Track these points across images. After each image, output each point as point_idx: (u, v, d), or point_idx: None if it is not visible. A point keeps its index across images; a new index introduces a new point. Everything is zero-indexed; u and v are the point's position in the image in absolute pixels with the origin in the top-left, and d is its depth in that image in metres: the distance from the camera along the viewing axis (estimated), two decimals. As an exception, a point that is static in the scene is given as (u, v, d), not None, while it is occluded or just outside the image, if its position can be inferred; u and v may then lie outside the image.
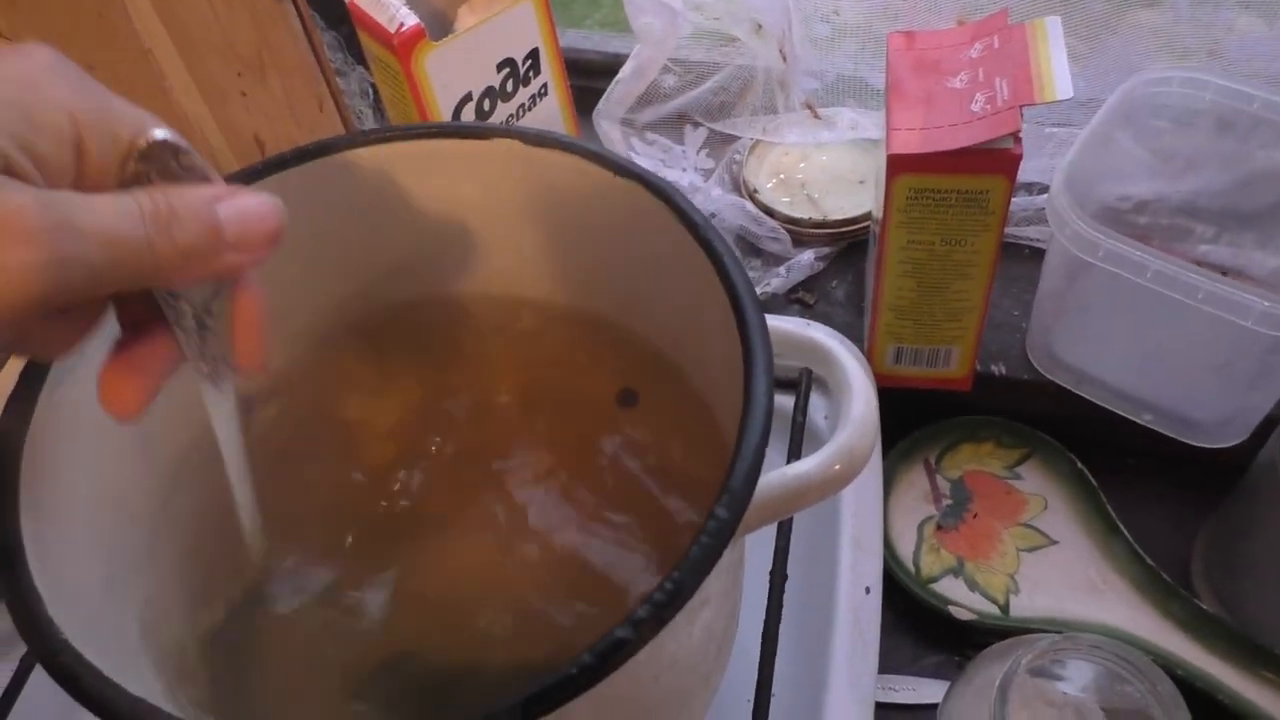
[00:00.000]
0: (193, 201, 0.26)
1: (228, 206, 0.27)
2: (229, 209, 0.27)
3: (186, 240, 0.26)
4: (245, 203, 0.27)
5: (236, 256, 0.27)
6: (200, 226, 0.26)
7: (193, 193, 0.27)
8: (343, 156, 0.37)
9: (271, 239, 0.28)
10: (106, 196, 0.25)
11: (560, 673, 0.26)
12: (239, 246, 0.27)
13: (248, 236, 0.27)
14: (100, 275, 0.24)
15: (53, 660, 0.27)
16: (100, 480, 0.35)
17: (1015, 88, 0.45)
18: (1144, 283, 0.47)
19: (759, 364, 0.31)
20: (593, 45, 0.73)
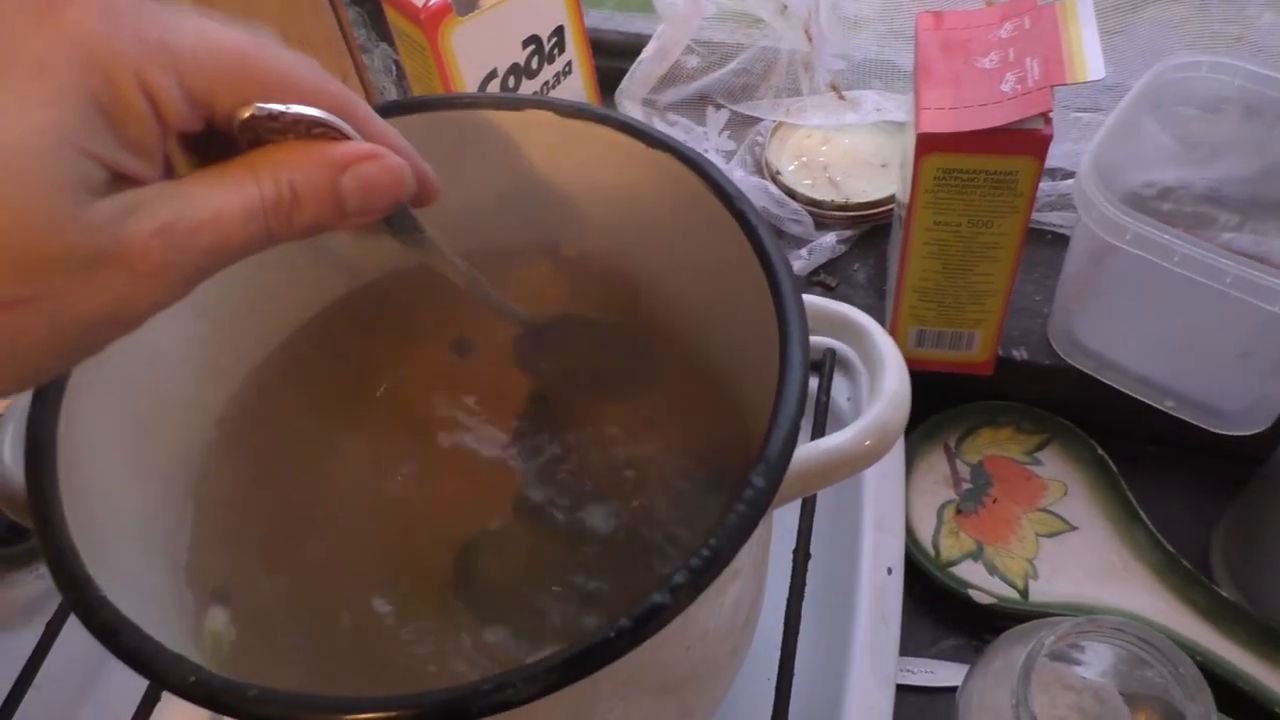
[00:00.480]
0: (316, 177, 0.26)
1: (353, 177, 0.26)
2: (354, 180, 0.26)
3: (306, 221, 0.26)
4: (371, 172, 0.27)
5: (354, 221, 0.27)
6: (320, 205, 0.26)
7: (315, 160, 0.26)
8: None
9: (395, 201, 0.28)
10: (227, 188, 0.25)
11: (597, 636, 0.26)
12: (361, 213, 0.27)
13: (369, 207, 0.27)
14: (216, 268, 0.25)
15: (92, 617, 0.27)
16: (134, 443, 0.36)
17: (1046, 68, 0.45)
18: (1171, 266, 0.47)
19: (794, 334, 0.31)
20: (615, 25, 0.73)
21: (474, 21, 0.54)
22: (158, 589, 0.35)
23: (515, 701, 0.25)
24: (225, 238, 0.25)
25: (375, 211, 0.27)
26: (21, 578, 0.52)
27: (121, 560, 0.32)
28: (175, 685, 0.26)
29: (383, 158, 0.27)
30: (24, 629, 0.51)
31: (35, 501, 0.29)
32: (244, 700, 0.26)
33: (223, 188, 0.25)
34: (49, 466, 0.30)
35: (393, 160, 0.27)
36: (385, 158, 0.27)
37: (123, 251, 0.23)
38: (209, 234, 0.24)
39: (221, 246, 0.25)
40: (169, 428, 0.38)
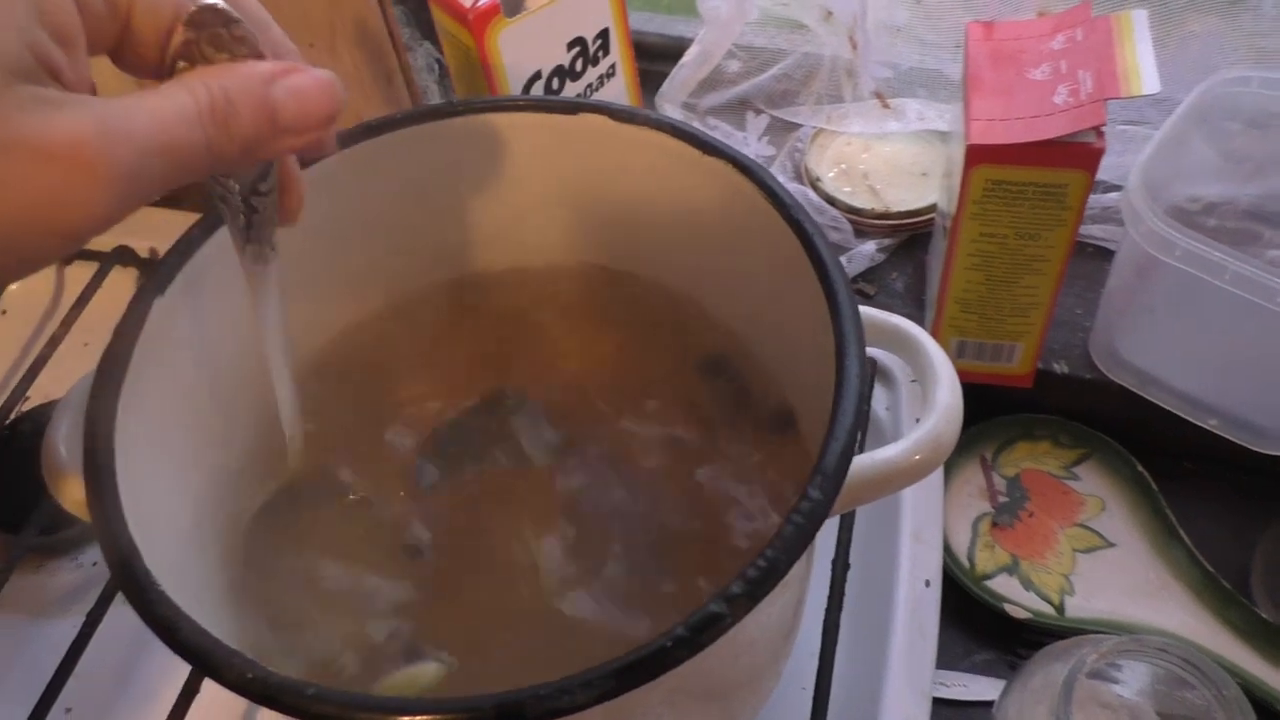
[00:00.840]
0: (248, 85, 0.25)
1: (283, 88, 0.26)
2: (284, 91, 0.26)
3: (244, 133, 0.25)
4: (301, 82, 0.26)
5: (293, 140, 0.26)
6: (257, 115, 0.25)
7: (247, 74, 0.25)
8: (434, 125, 0.37)
9: (328, 119, 0.27)
10: (162, 96, 0.24)
11: (653, 645, 0.26)
12: (296, 130, 0.26)
13: (305, 118, 0.26)
14: (160, 184, 0.24)
15: (152, 612, 0.27)
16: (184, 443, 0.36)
17: (1100, 81, 0.44)
18: (1221, 284, 0.47)
19: (851, 346, 0.31)
20: (657, 28, 0.73)
21: (521, 23, 0.54)
22: (205, 587, 0.35)
23: (572, 708, 0.25)
24: (163, 140, 0.24)
25: (312, 124, 0.26)
26: (61, 565, 0.52)
27: (171, 557, 0.32)
28: (233, 682, 0.26)
29: (308, 71, 0.26)
30: (61, 618, 0.51)
31: (95, 497, 0.29)
32: (301, 698, 0.26)
33: (158, 95, 0.24)
34: (108, 462, 0.30)
35: (320, 73, 0.27)
36: (311, 71, 0.26)
37: (47, 135, 0.22)
38: (145, 134, 0.23)
39: (161, 146, 0.24)
40: (220, 432, 0.38)
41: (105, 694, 0.48)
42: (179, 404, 0.36)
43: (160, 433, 0.35)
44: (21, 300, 0.65)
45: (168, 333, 0.34)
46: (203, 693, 0.44)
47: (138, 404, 0.33)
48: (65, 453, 0.34)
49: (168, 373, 0.35)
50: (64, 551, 0.53)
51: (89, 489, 0.30)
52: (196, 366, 0.36)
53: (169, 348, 0.34)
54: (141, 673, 0.49)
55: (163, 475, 0.34)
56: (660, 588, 0.36)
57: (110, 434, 0.31)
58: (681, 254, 0.40)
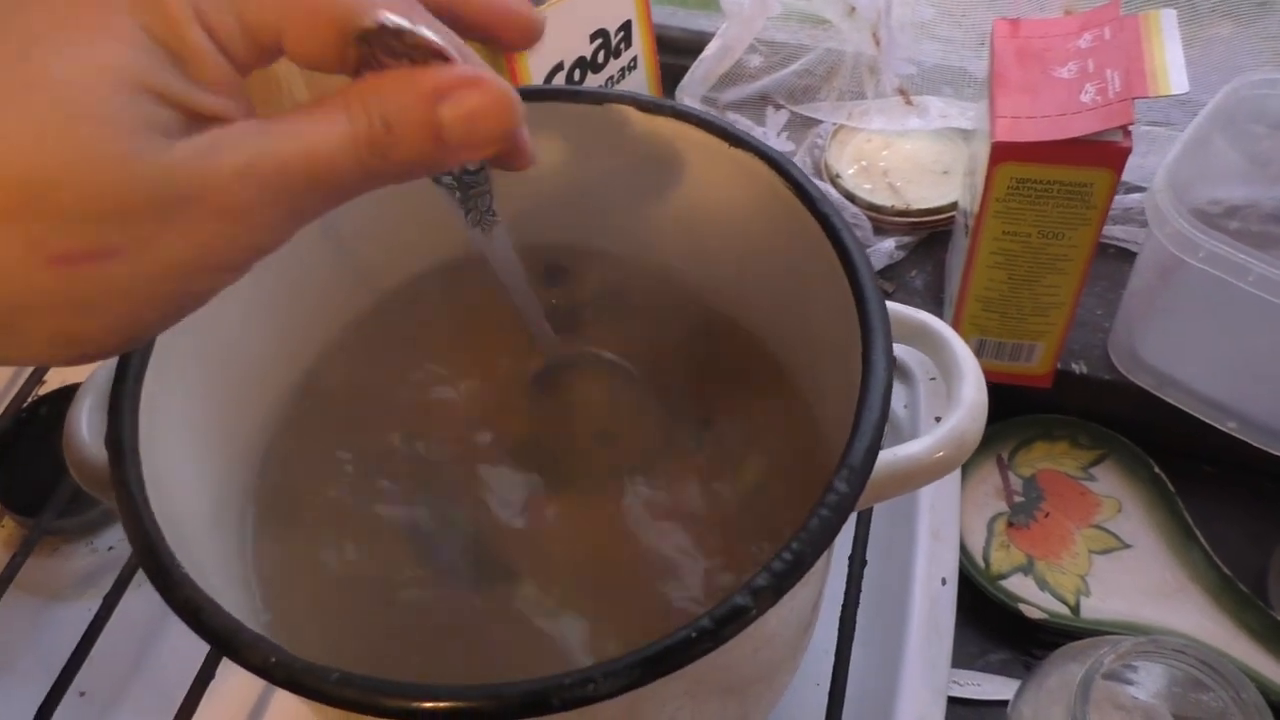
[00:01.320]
0: (410, 107, 0.23)
1: (450, 108, 0.23)
2: (450, 110, 0.23)
3: (405, 158, 0.24)
4: (470, 101, 0.24)
5: (468, 155, 0.24)
6: (419, 139, 0.24)
7: (411, 94, 0.23)
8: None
9: (502, 136, 0.24)
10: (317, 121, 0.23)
11: (678, 636, 0.26)
12: (466, 148, 0.24)
13: (474, 137, 0.24)
14: (317, 210, 0.24)
15: (176, 595, 0.27)
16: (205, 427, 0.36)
17: (1128, 80, 0.44)
18: (1245, 286, 0.46)
19: (878, 340, 0.31)
20: (679, 22, 0.72)
21: (546, 12, 0.54)
22: (222, 572, 0.35)
23: (596, 697, 0.25)
24: (317, 175, 0.23)
25: (482, 144, 0.24)
26: (77, 550, 0.53)
27: (191, 540, 0.32)
28: (256, 665, 0.26)
29: (485, 83, 0.24)
30: (76, 601, 0.52)
31: (120, 479, 0.29)
32: (325, 683, 0.26)
33: (311, 122, 0.23)
34: (133, 444, 0.30)
35: (497, 85, 0.24)
36: (488, 83, 0.24)
37: (204, 192, 0.22)
38: (299, 171, 0.23)
39: (315, 184, 0.23)
40: (238, 414, 0.38)
41: (120, 678, 0.48)
42: (201, 388, 0.36)
43: (182, 417, 0.35)
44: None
45: (192, 317, 0.34)
46: (218, 678, 0.44)
47: (160, 387, 0.33)
48: (87, 434, 0.35)
49: (191, 357, 0.35)
50: (80, 536, 0.53)
51: (113, 470, 0.30)
52: (219, 351, 0.36)
53: (193, 332, 0.34)
54: (156, 658, 0.49)
55: (183, 459, 0.34)
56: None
57: (135, 416, 0.31)
58: (705, 244, 0.40)
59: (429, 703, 0.25)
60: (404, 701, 0.25)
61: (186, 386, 0.35)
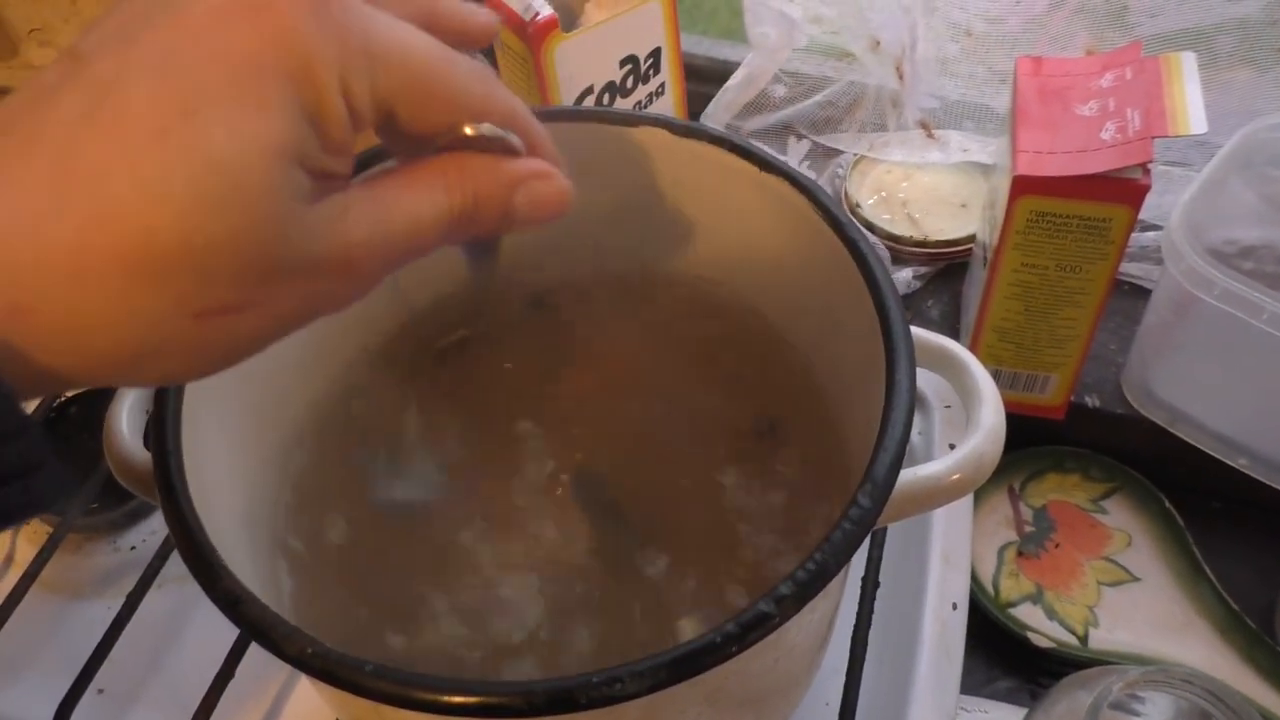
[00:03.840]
0: (496, 190, 0.27)
1: (525, 194, 0.27)
2: (525, 197, 0.27)
3: (480, 230, 0.27)
4: (543, 192, 0.28)
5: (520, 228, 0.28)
6: (494, 216, 0.27)
7: (499, 176, 0.27)
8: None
9: (556, 218, 0.28)
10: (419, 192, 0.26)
11: (704, 640, 0.26)
12: (524, 223, 0.28)
13: (531, 219, 0.28)
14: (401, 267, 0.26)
15: (216, 586, 0.28)
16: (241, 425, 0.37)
17: (1148, 119, 0.45)
18: (1259, 324, 0.47)
19: (902, 360, 0.32)
20: (704, 50, 0.74)
21: (577, 38, 0.56)
22: (256, 567, 0.36)
23: (622, 696, 0.26)
24: (418, 243, 0.26)
25: (535, 225, 0.28)
26: (100, 548, 0.53)
27: (226, 536, 0.33)
28: (293, 656, 0.27)
29: (553, 178, 0.28)
30: (98, 599, 0.52)
31: (163, 476, 0.30)
32: (359, 674, 0.26)
33: (415, 194, 0.26)
34: (175, 439, 0.31)
35: (560, 181, 0.28)
36: (554, 178, 0.28)
37: (331, 256, 0.24)
38: (404, 240, 0.25)
39: (414, 251, 0.26)
40: (273, 415, 0.39)
41: (140, 676, 0.49)
42: (237, 390, 0.37)
43: (219, 417, 0.35)
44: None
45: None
46: (236, 678, 0.45)
47: (199, 389, 0.34)
48: (127, 431, 0.36)
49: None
50: (104, 535, 0.54)
51: (157, 467, 0.31)
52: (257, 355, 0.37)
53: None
54: (176, 657, 0.50)
55: (220, 456, 0.35)
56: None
57: (179, 416, 0.32)
58: (733, 265, 0.41)
59: (459, 697, 0.26)
60: (434, 695, 0.26)
61: (224, 388, 0.36)
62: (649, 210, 0.41)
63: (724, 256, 0.41)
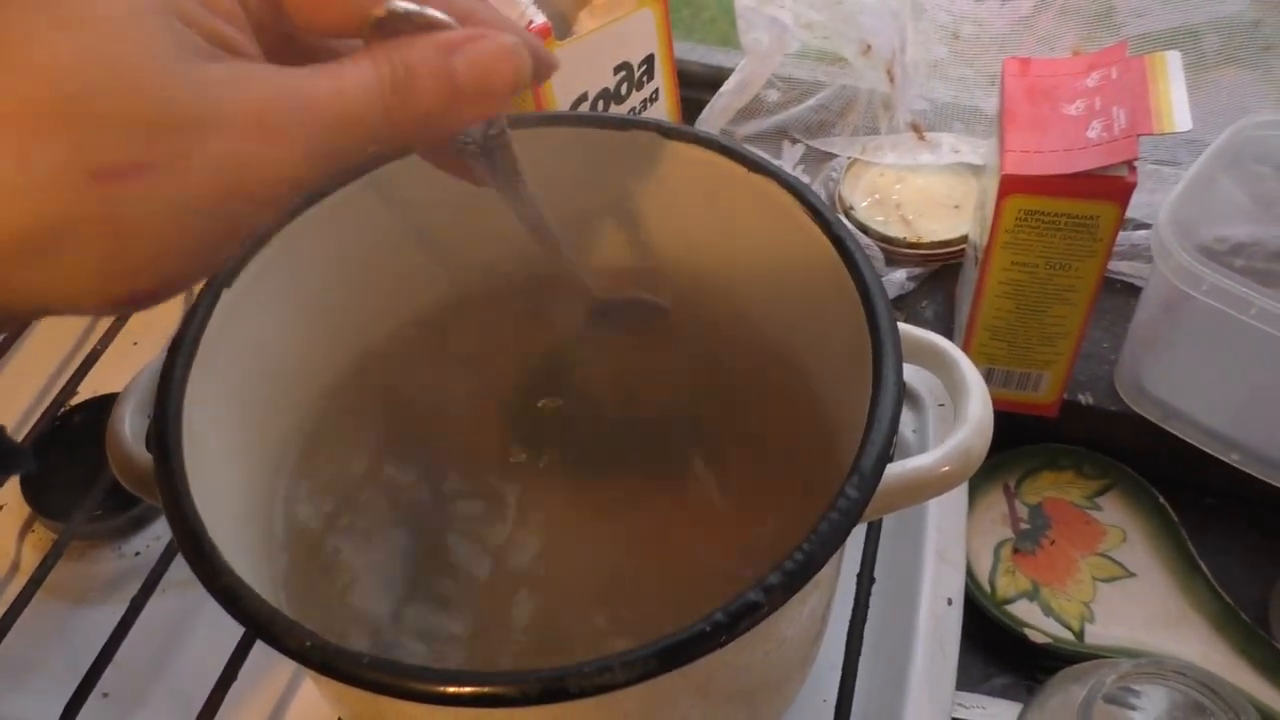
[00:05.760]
0: (428, 56, 0.25)
1: (462, 57, 0.26)
2: (464, 60, 0.26)
3: (424, 105, 0.25)
4: (481, 51, 0.26)
5: (477, 109, 0.26)
6: (436, 86, 0.25)
7: (426, 44, 0.26)
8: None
9: (512, 83, 0.27)
10: (344, 66, 0.25)
11: (694, 629, 0.27)
12: (478, 99, 0.26)
13: (486, 87, 0.26)
14: (343, 153, 0.25)
15: (216, 582, 0.28)
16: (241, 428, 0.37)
17: (1133, 117, 0.46)
18: (1247, 319, 0.48)
19: (889, 354, 0.32)
20: (698, 57, 0.74)
21: (570, 46, 0.56)
22: (256, 570, 0.36)
23: (614, 685, 0.26)
24: (344, 111, 0.24)
25: (493, 91, 0.26)
26: (105, 555, 0.54)
27: (226, 538, 0.34)
28: (292, 649, 0.27)
29: (491, 35, 0.26)
30: (103, 604, 0.53)
31: (165, 476, 0.31)
32: (357, 667, 0.27)
33: (337, 67, 0.25)
34: (176, 439, 0.32)
35: (503, 38, 0.27)
36: (494, 36, 0.26)
37: (240, 109, 0.23)
38: (328, 104, 0.24)
39: (342, 120, 0.24)
40: (274, 417, 0.40)
41: (143, 680, 0.49)
42: (238, 392, 0.37)
43: (220, 417, 0.36)
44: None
45: (234, 323, 0.36)
46: (239, 680, 0.46)
47: (201, 391, 0.34)
48: (130, 433, 0.36)
49: (231, 361, 0.36)
50: (108, 541, 0.54)
51: (159, 467, 0.31)
52: (257, 358, 0.38)
53: (233, 338, 0.36)
54: (179, 661, 0.50)
55: (219, 459, 0.36)
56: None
57: (179, 417, 0.33)
58: (724, 264, 0.42)
59: (453, 687, 0.26)
60: (429, 685, 0.27)
61: (225, 390, 0.36)
62: (641, 212, 0.42)
63: (715, 256, 0.42)
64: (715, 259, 0.42)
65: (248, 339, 0.37)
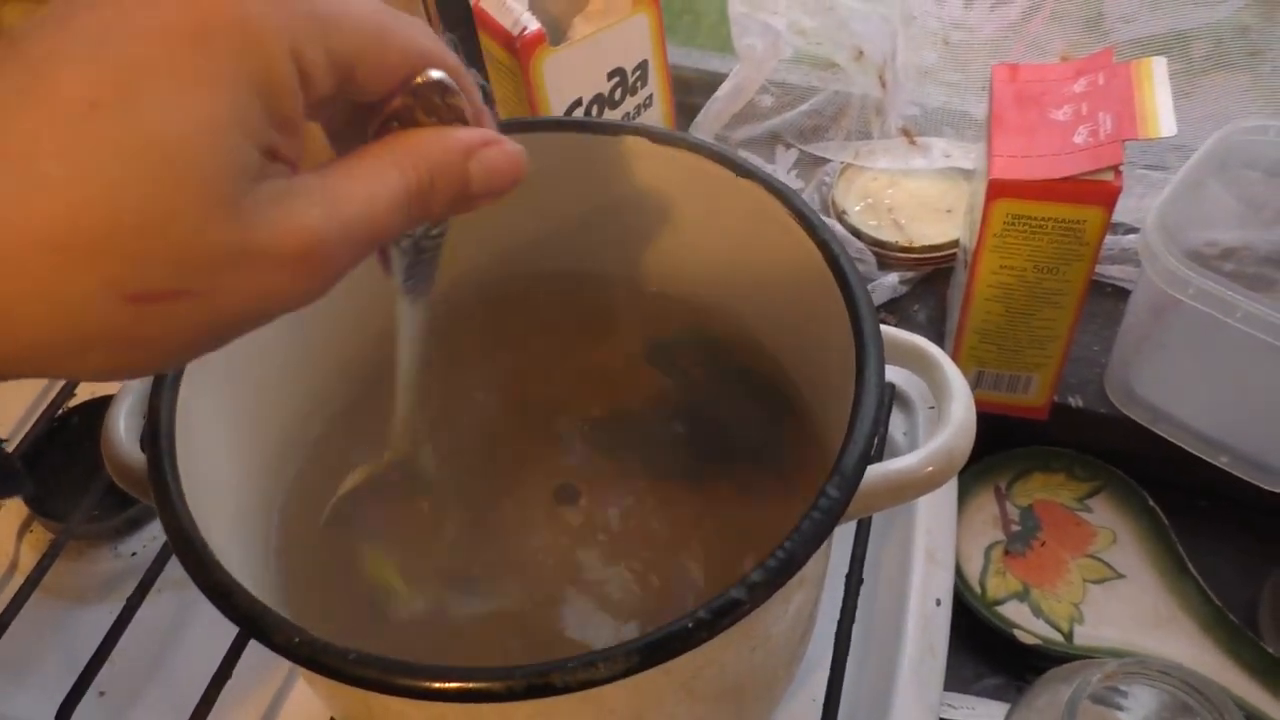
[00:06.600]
0: (450, 162, 0.26)
1: (478, 163, 0.27)
2: (479, 166, 0.27)
3: (438, 209, 0.26)
4: (495, 158, 0.27)
5: (472, 205, 0.27)
6: (452, 191, 0.26)
7: (450, 149, 0.26)
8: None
9: (508, 189, 0.28)
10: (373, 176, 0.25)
11: (676, 625, 0.27)
12: (483, 195, 0.27)
13: (490, 189, 0.27)
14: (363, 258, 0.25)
15: (207, 578, 0.29)
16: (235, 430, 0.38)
17: (1119, 122, 0.46)
18: (1233, 323, 0.48)
19: (871, 356, 0.33)
20: (692, 62, 0.75)
21: (564, 52, 0.57)
22: (249, 568, 0.37)
23: (597, 680, 0.27)
24: (376, 229, 0.25)
25: (495, 192, 0.27)
26: (102, 554, 0.54)
27: (218, 537, 0.34)
28: (281, 645, 0.28)
29: (503, 143, 0.27)
30: (99, 604, 0.53)
31: (157, 476, 0.31)
32: (344, 662, 0.27)
33: (368, 179, 0.25)
34: (169, 445, 0.32)
35: (511, 146, 0.28)
36: (505, 143, 0.28)
37: (279, 246, 0.23)
38: (362, 225, 0.24)
39: (374, 239, 0.25)
40: (266, 418, 0.40)
41: (139, 678, 0.50)
42: (231, 394, 0.38)
43: (213, 417, 0.37)
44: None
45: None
46: (234, 678, 0.46)
47: (194, 393, 0.35)
48: (124, 434, 0.37)
49: (222, 365, 0.37)
50: (105, 541, 0.55)
51: (151, 468, 0.32)
52: (251, 359, 0.38)
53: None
54: (174, 660, 0.51)
55: (215, 460, 0.36)
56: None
57: (172, 419, 0.33)
58: (714, 269, 0.42)
59: (439, 683, 0.27)
60: (415, 681, 0.27)
61: (218, 392, 0.37)
62: (632, 216, 0.42)
63: (705, 260, 0.42)
64: (704, 262, 0.42)
65: (240, 343, 0.37)
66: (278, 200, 0.23)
